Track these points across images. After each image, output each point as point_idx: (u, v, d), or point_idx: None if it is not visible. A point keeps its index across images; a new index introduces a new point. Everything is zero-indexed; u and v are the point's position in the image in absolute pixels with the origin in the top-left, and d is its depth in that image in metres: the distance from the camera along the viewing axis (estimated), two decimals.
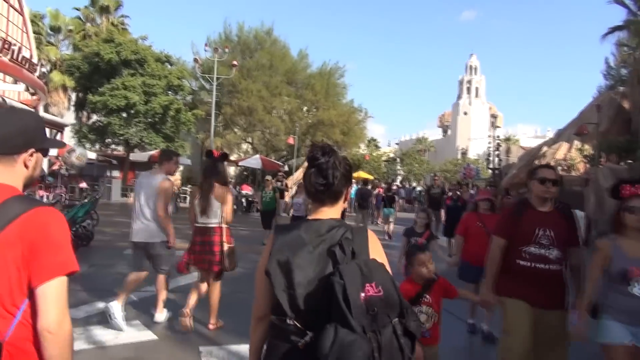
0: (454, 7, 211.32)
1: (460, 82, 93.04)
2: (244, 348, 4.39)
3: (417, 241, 5.25)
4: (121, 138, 24.85)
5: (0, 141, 1.43)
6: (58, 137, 26.28)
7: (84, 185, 21.82)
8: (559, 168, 22.41)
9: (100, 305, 5.45)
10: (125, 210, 19.18)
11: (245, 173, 35.12)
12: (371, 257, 1.64)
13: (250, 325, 1.83)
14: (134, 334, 4.82)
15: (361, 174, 36.21)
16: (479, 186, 26.61)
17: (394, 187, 19.86)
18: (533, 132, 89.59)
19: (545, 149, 23.87)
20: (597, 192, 15.28)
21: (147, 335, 4.84)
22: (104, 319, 4.91)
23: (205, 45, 21.52)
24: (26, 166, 1.49)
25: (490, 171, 55.34)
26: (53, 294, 1.36)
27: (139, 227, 4.94)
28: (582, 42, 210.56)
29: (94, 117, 26.80)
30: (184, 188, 24.00)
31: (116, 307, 4.77)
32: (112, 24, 34.78)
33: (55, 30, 33.43)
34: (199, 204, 4.83)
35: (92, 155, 21.10)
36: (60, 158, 23.62)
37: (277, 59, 30.02)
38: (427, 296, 3.28)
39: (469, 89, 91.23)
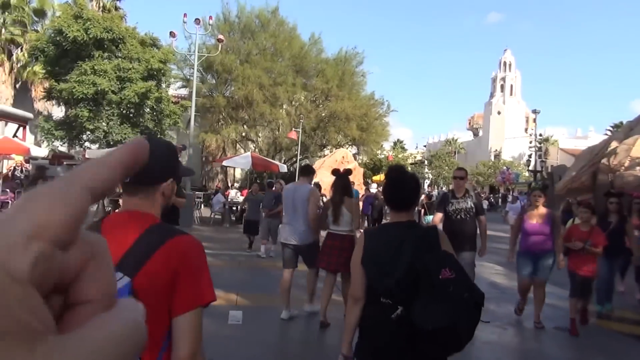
0: (479, 9, 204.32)
1: (494, 80, 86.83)
2: None
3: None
4: (94, 134, 20.91)
5: (146, 170, 1.30)
6: (20, 132, 22.57)
7: None
8: (638, 169, 17.29)
9: None
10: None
11: (254, 175, 30.95)
12: (442, 248, 2.19)
13: (348, 306, 2.44)
14: None
15: (384, 178, 31.53)
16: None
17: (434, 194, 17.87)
18: (573, 133, 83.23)
19: (614, 144, 18.63)
20: None
21: None
22: None
23: (184, 16, 17.25)
24: (164, 195, 1.49)
25: (528, 174, 49.91)
26: (189, 325, 1.33)
27: (291, 231, 5.69)
28: (606, 45, 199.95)
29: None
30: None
31: (311, 308, 5.89)
32: (104, 8, 31.12)
33: (40, 14, 29.89)
34: (332, 214, 5.55)
35: (41, 152, 17.01)
36: (19, 158, 19.91)
37: (283, 42, 25.57)
38: None
39: (502, 87, 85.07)
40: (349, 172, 6.06)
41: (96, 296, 0.25)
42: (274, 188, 10.39)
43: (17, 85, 31.17)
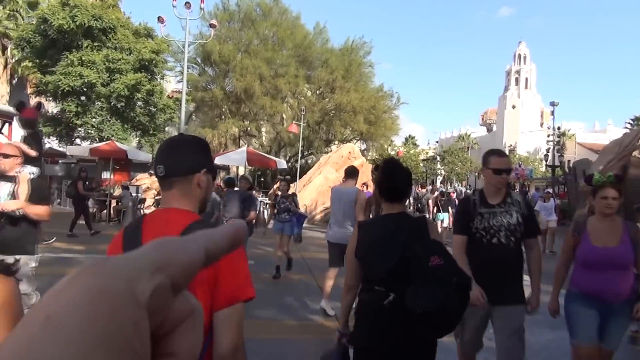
0: (490, 3, 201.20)
1: (508, 73, 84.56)
2: None
3: None
4: (84, 130, 19.71)
5: (178, 161, 1.45)
6: (6, 128, 21.43)
7: None
8: None
9: None
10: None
11: (258, 173, 29.56)
12: (432, 237, 2.34)
13: (342, 292, 2.55)
14: None
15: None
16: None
17: (452, 192, 17.39)
18: (590, 127, 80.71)
19: None
20: None
21: None
22: None
23: (174, 0, 15.88)
24: (199, 186, 1.47)
25: (545, 169, 47.88)
26: (231, 319, 1.35)
27: (336, 230, 5.99)
28: (623, 37, 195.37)
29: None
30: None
31: (325, 304, 5.86)
32: None
33: (34, 6, 28.80)
34: (374, 210, 6.29)
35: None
36: None
37: (285, 31, 24.11)
38: None
39: (517, 80, 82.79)
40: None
41: (183, 353, 0.26)
42: (236, 187, 8.03)
43: (14, 82, 30.21)
